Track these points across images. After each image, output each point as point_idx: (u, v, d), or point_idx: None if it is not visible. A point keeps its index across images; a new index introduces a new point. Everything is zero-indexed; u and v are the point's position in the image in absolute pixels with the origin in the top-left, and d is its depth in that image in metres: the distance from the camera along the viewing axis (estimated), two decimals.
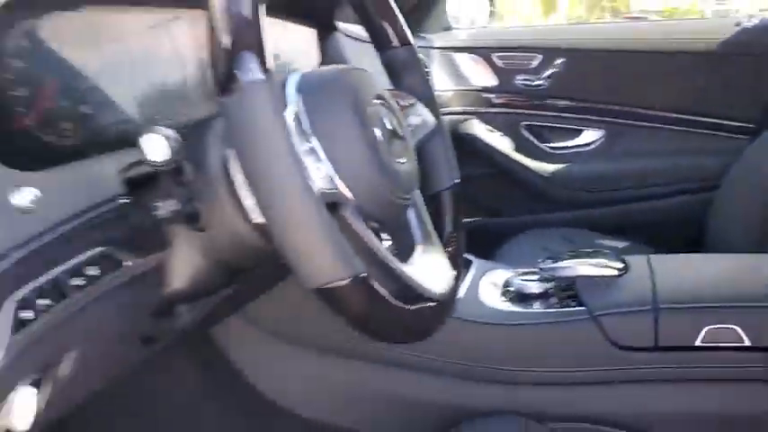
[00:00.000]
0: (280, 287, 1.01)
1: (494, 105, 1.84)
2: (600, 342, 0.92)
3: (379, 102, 0.65)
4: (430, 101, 0.82)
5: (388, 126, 0.64)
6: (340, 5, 1.13)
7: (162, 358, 1.03)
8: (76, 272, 0.53)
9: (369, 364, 1.04)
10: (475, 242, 1.31)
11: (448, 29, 1.94)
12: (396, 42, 0.80)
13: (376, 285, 0.54)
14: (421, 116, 0.79)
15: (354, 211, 0.58)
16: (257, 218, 0.58)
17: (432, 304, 0.65)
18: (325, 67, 0.67)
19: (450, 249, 0.77)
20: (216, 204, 0.60)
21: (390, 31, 0.80)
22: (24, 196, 0.52)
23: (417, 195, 0.76)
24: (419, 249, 0.72)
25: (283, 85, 0.60)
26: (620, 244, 1.51)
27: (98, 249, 0.56)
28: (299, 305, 0.99)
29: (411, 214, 0.74)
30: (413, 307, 0.61)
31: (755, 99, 1.61)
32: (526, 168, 1.80)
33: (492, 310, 1.00)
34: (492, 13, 2.06)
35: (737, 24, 1.66)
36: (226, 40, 0.49)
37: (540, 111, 1.81)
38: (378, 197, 0.61)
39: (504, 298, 1.03)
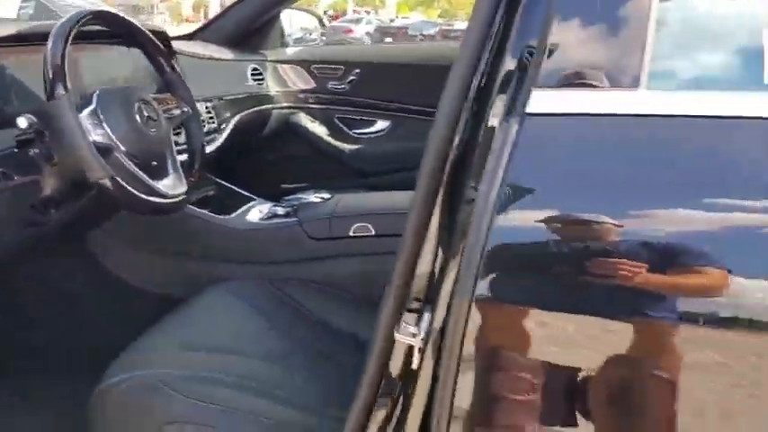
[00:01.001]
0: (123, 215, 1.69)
1: (313, 103, 2.55)
2: (303, 237, 1.63)
3: (141, 101, 1.34)
4: (190, 101, 1.51)
5: (146, 114, 1.33)
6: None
7: (54, 260, 1.70)
8: None
9: (182, 258, 1.72)
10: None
11: (284, 45, 2.64)
12: (169, 69, 1.49)
13: (126, 185, 1.23)
14: (181, 109, 1.48)
15: (121, 153, 1.27)
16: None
17: (165, 200, 1.34)
18: (114, 87, 1.36)
19: (192, 179, 1.46)
20: (59, 151, 1.28)
21: (164, 62, 1.48)
22: None
23: (173, 151, 1.44)
24: (168, 176, 1.41)
25: (91, 94, 1.28)
26: None
27: (0, 169, 1.23)
28: (132, 224, 1.67)
29: (168, 159, 1.43)
30: (152, 198, 1.30)
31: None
32: (336, 148, 2.52)
33: (247, 222, 1.70)
34: (322, 33, 2.79)
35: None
36: (50, 74, 1.17)
37: (347, 107, 2.53)
38: (136, 145, 1.30)
39: (259, 217, 1.74)
